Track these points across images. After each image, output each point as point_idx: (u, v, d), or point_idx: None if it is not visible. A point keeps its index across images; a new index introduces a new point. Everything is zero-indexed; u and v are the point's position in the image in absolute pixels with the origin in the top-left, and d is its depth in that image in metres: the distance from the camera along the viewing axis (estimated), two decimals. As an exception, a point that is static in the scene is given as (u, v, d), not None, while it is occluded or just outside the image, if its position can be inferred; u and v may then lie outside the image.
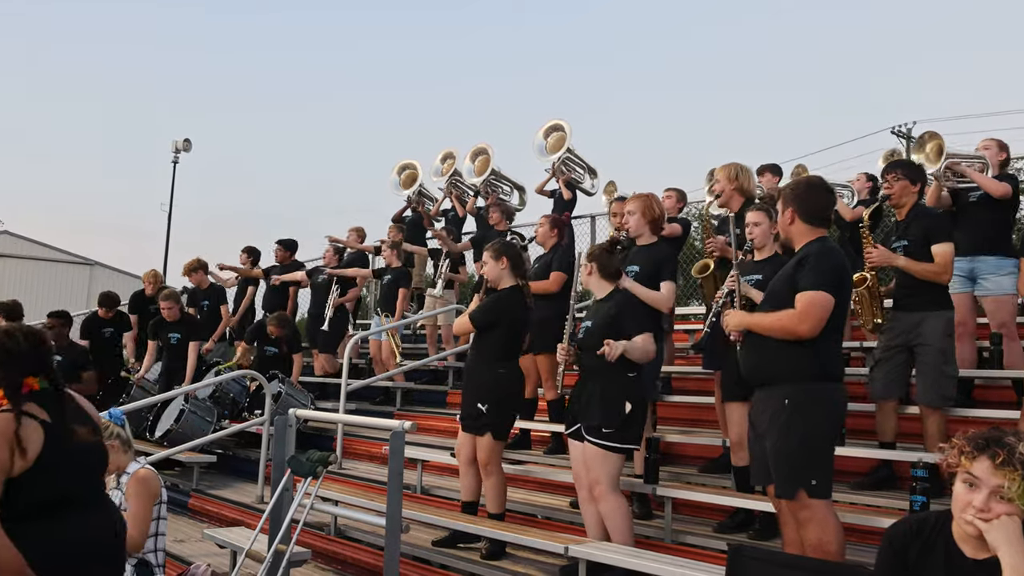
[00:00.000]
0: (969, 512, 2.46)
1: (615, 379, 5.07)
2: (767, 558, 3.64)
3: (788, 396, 3.95)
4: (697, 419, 7.09)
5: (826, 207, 4.31)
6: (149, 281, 11.57)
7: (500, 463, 5.84)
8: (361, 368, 11.09)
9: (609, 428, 4.98)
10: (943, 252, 5.32)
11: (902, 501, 4.98)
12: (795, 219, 4.21)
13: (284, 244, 11.79)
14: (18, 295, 11.74)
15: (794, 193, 4.27)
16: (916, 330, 5.36)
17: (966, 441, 2.53)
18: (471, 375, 6.02)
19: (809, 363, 3.97)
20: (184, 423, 8.98)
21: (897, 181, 5.57)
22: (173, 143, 27.65)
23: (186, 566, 5.23)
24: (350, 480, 7.71)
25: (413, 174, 11.98)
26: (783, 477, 3.96)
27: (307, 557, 5.55)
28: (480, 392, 5.77)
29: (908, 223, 5.54)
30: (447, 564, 5.70)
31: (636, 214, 6.00)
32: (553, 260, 7.14)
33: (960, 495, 2.50)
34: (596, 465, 5.01)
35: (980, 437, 2.53)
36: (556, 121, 10.42)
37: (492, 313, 5.83)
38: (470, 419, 5.81)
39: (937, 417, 5.33)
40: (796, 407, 3.93)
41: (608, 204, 9.45)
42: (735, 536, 5.28)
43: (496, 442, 5.75)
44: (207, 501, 8.09)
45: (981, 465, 2.46)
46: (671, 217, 7.80)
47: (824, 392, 4.00)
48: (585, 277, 5.48)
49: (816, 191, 4.30)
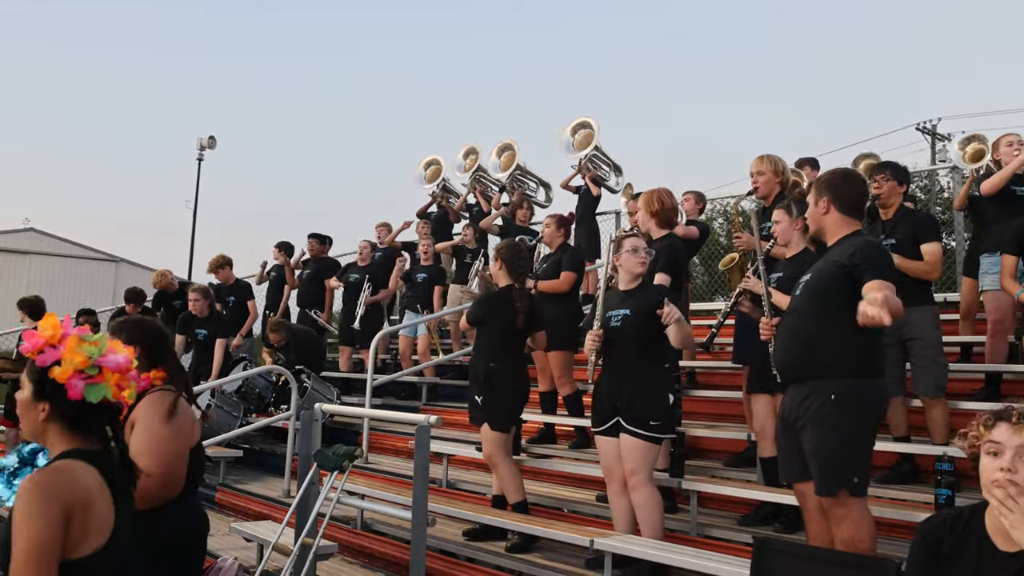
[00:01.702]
0: (997, 475, 2.45)
1: (653, 372, 5.10)
2: (793, 551, 3.63)
3: (835, 392, 3.83)
4: (723, 413, 7.09)
5: (862, 198, 4.25)
6: (156, 281, 11.65)
7: (504, 453, 5.92)
8: (387, 363, 11.13)
9: (657, 420, 4.99)
10: (933, 251, 5.52)
11: (926, 495, 4.98)
12: (830, 209, 4.11)
13: (318, 238, 11.76)
14: (44, 292, 11.90)
15: (830, 183, 4.17)
16: (907, 325, 5.42)
17: (984, 417, 2.57)
18: (470, 368, 6.30)
19: (854, 358, 3.87)
20: (211, 418, 9.05)
21: (887, 181, 5.74)
22: (198, 140, 27.67)
23: (213, 559, 5.26)
24: (376, 474, 7.75)
25: (438, 169, 12.00)
26: (826, 474, 3.84)
27: (334, 551, 5.59)
28: (475, 384, 6.05)
29: (895, 223, 5.70)
30: (473, 557, 5.73)
31: (641, 210, 6.09)
32: (563, 259, 7.18)
33: (987, 467, 2.49)
34: (637, 456, 4.99)
35: (993, 409, 2.58)
36: (584, 118, 10.43)
37: (481, 308, 6.21)
38: (471, 410, 6.12)
39: (941, 407, 5.47)
40: (842, 403, 3.82)
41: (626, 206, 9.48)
42: (759, 529, 5.29)
43: (495, 433, 5.88)
44: (234, 495, 8.15)
45: (1000, 430, 2.50)
46: (690, 220, 7.81)
47: (868, 388, 3.91)
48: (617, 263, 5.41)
49: (853, 181, 4.22)
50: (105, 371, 2.32)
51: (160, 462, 3.16)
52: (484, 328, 6.11)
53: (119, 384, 2.35)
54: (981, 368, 6.38)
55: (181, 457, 3.29)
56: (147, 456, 3.11)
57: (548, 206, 11.37)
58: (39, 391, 2.31)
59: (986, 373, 6.36)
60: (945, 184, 11.22)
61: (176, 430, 3.27)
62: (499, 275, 6.10)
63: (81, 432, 2.31)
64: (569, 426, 7.36)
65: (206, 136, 27.72)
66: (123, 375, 2.35)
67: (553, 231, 7.51)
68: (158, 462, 3.15)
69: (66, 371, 2.27)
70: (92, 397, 2.28)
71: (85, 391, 2.27)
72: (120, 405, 2.39)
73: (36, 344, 2.31)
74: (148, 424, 3.22)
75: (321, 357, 10.44)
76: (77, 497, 2.16)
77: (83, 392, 2.27)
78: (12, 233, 35.51)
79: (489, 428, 5.89)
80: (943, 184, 13.57)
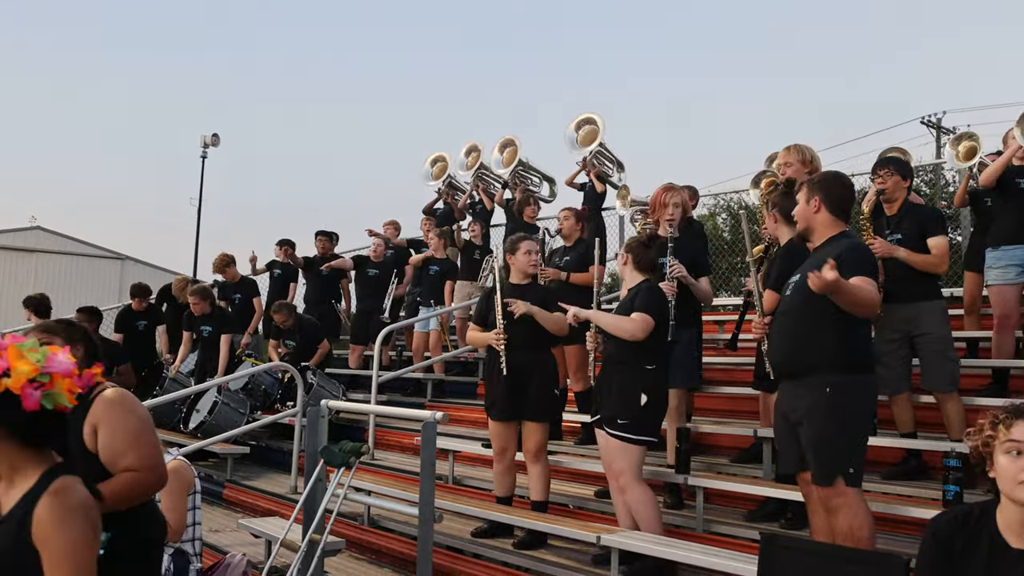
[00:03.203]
0: (1023, 476, 2.43)
1: (632, 370, 5.09)
2: (800, 547, 3.65)
3: (829, 384, 3.97)
4: (729, 409, 7.09)
5: (851, 200, 4.38)
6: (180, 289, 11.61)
7: (493, 447, 5.97)
8: (393, 360, 11.14)
9: (624, 419, 4.99)
10: (940, 244, 5.49)
11: (933, 491, 4.97)
12: (821, 208, 4.25)
13: (326, 235, 11.71)
14: (50, 290, 11.89)
15: (823, 183, 4.33)
16: (915, 321, 5.45)
17: (996, 414, 2.53)
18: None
19: (845, 352, 4.01)
20: (217, 415, 9.09)
21: (891, 176, 5.71)
22: (201, 138, 27.62)
23: (222, 555, 5.29)
24: (382, 471, 7.76)
25: (444, 166, 11.97)
26: (823, 464, 3.97)
27: (341, 547, 5.60)
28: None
29: (900, 218, 5.67)
30: (480, 553, 5.74)
31: (680, 207, 6.03)
32: (589, 253, 7.15)
33: (1008, 467, 2.45)
34: (617, 457, 5.04)
35: (1009, 406, 2.54)
36: (588, 114, 10.38)
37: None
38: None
39: (954, 402, 5.45)
40: (837, 395, 3.96)
41: (624, 208, 9.36)
42: (765, 525, 5.29)
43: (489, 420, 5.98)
44: (241, 492, 8.18)
45: (1020, 428, 2.46)
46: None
47: (860, 381, 4.06)
48: (620, 267, 5.51)
49: (843, 184, 4.37)
50: (55, 376, 2.18)
51: (144, 455, 3.14)
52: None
53: (70, 389, 2.21)
54: (988, 364, 6.36)
55: (158, 445, 3.28)
56: (130, 454, 3.11)
57: (552, 201, 11.33)
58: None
59: (993, 369, 6.35)
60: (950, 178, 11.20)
61: (145, 421, 3.25)
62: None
63: (35, 448, 2.19)
64: (576, 422, 7.36)
65: (210, 133, 27.73)
66: (71, 379, 2.22)
67: (572, 224, 7.49)
68: (142, 456, 3.13)
69: (18, 380, 2.12)
70: (48, 404, 2.15)
71: (43, 400, 2.14)
72: (66, 413, 2.25)
73: None
74: (117, 423, 3.15)
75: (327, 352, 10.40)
76: (98, 520, 2.14)
77: (40, 401, 2.14)
78: (19, 231, 35.56)
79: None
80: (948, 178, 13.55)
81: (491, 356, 5.90)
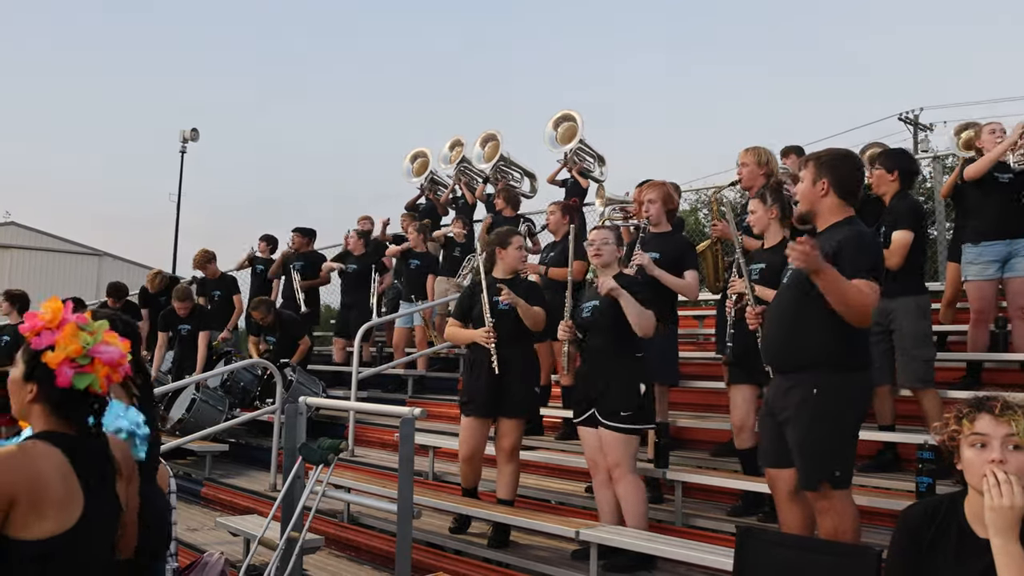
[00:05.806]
0: (988, 468, 2.45)
1: (625, 362, 5.12)
2: (776, 540, 3.66)
3: (817, 385, 3.81)
4: (708, 404, 7.12)
5: (860, 182, 4.12)
6: (150, 281, 11.61)
7: (464, 444, 5.93)
8: (374, 356, 11.11)
9: (628, 411, 5.02)
10: (897, 238, 5.54)
11: (907, 483, 5.02)
12: (829, 191, 3.96)
13: (302, 232, 11.63)
14: (27, 286, 11.78)
15: (831, 163, 3.99)
16: (891, 315, 5.51)
17: (960, 408, 2.56)
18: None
19: (838, 350, 3.83)
20: (196, 412, 9.05)
21: (876, 171, 5.81)
22: (181, 133, 27.48)
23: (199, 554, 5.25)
24: (362, 467, 7.74)
25: (425, 162, 11.94)
26: (808, 468, 3.84)
27: (320, 544, 5.60)
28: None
29: (889, 210, 5.74)
30: (460, 549, 5.75)
31: (657, 203, 6.03)
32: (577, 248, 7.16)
33: (973, 460, 2.48)
34: (616, 449, 5.04)
35: (971, 400, 2.57)
36: (566, 111, 10.37)
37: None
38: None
39: (931, 396, 5.50)
40: (825, 396, 3.79)
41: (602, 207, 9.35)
42: (746, 519, 5.32)
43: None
44: (220, 489, 8.14)
45: (983, 421, 2.48)
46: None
47: (852, 381, 3.87)
48: (594, 259, 5.48)
49: (853, 163, 4.08)
50: (96, 362, 2.33)
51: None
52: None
53: (108, 376, 2.35)
54: (963, 357, 6.43)
55: None
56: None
57: (533, 196, 11.32)
58: (29, 372, 2.32)
59: (967, 362, 6.41)
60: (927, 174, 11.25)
61: None
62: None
63: (62, 418, 2.32)
64: (556, 417, 7.38)
65: (188, 128, 27.56)
66: (114, 368, 2.36)
67: (559, 218, 7.47)
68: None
69: (58, 356, 2.28)
70: (79, 385, 2.30)
71: (74, 379, 2.29)
72: (106, 398, 2.40)
73: (34, 326, 2.33)
74: None
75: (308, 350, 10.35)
76: (23, 478, 2.16)
77: (71, 380, 2.28)
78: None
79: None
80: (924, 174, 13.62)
81: (475, 353, 5.87)
